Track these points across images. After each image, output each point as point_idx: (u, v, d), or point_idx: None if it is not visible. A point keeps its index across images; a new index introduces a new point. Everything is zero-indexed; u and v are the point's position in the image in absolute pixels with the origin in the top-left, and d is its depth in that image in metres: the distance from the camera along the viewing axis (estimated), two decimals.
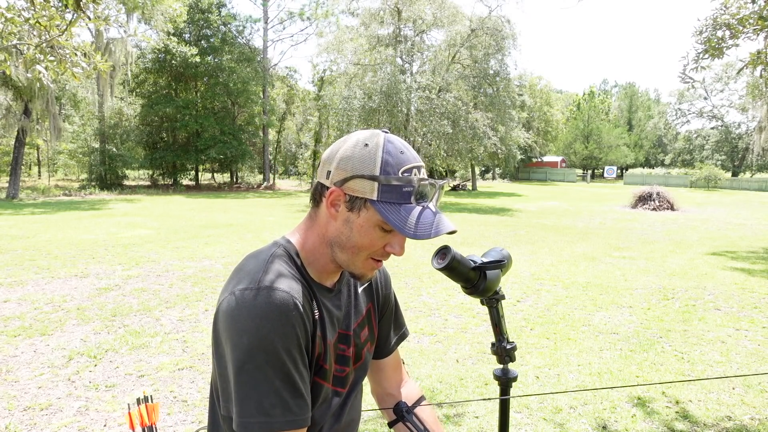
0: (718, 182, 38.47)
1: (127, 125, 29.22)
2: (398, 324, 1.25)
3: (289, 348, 0.85)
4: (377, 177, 0.87)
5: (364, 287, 1.13)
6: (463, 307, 5.53)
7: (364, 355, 1.10)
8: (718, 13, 6.08)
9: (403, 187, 0.87)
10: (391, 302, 1.21)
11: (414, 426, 1.12)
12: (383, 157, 0.88)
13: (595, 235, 11.79)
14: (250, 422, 0.83)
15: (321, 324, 0.95)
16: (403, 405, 1.17)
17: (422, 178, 0.90)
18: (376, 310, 1.15)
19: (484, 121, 21.51)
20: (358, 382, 1.10)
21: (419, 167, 0.91)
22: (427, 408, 1.21)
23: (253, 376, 0.83)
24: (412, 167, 0.89)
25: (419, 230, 0.86)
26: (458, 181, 40.13)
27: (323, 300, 0.98)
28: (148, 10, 20.45)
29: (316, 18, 33.28)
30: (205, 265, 7.56)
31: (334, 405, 1.02)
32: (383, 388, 1.23)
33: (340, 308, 1.03)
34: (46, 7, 3.86)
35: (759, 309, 5.61)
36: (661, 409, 3.27)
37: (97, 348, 4.16)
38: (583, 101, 62.63)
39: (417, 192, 0.88)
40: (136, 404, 1.54)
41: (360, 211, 0.89)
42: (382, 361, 1.22)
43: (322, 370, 0.96)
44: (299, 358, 0.87)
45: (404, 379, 1.26)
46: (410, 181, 0.88)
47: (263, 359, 0.83)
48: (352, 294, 1.08)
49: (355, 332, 1.06)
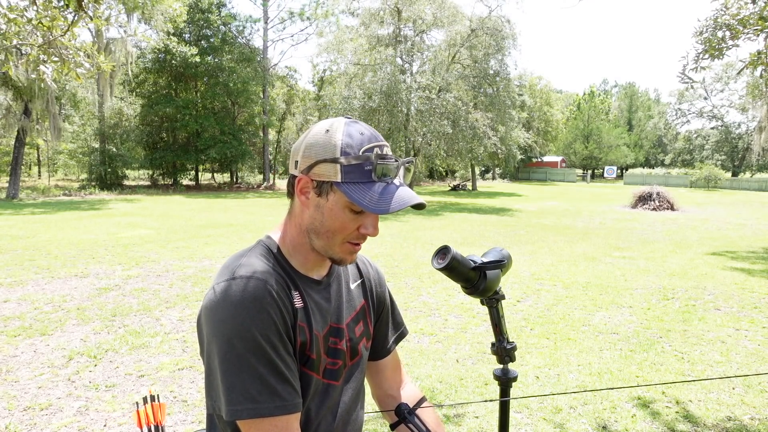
0: (718, 182, 38.46)
1: (127, 125, 29.21)
2: (396, 323, 1.25)
3: (268, 334, 0.86)
4: (338, 159, 0.89)
5: (357, 284, 1.13)
6: (463, 307, 5.53)
7: (360, 350, 1.09)
8: (719, 14, 6.09)
9: (364, 165, 0.89)
10: (386, 301, 1.21)
11: (416, 428, 1.12)
12: (343, 140, 0.90)
13: (595, 235, 11.79)
14: (237, 410, 0.84)
15: (305, 313, 0.96)
16: (404, 407, 1.16)
17: (382, 155, 0.91)
18: (370, 309, 1.15)
19: (484, 121, 21.51)
20: (356, 378, 1.09)
21: (381, 146, 0.92)
22: (429, 409, 1.21)
23: (236, 364, 0.85)
24: (372, 146, 0.91)
25: (380, 204, 0.88)
26: (458, 181, 40.14)
27: (309, 291, 0.99)
28: (148, 10, 20.44)
29: (316, 18, 33.29)
30: (205, 265, 7.56)
31: (329, 400, 1.02)
32: (383, 390, 1.22)
33: (330, 301, 1.03)
34: (48, 7, 3.86)
35: (759, 309, 5.61)
36: (661, 409, 3.27)
37: (97, 348, 4.16)
38: (583, 101, 62.64)
39: (377, 169, 0.90)
40: (143, 403, 1.54)
41: (328, 195, 0.92)
42: (381, 362, 1.21)
43: (309, 360, 0.96)
44: (280, 344, 0.88)
45: (404, 381, 1.25)
46: (369, 159, 0.89)
47: (243, 347, 0.85)
48: (344, 288, 1.09)
49: (348, 327, 1.06)
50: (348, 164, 0.89)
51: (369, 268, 1.20)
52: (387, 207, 0.87)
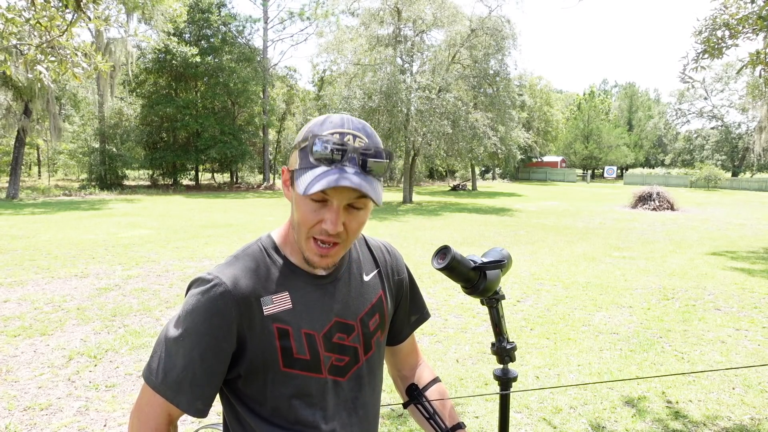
0: (718, 182, 38.44)
1: (127, 125, 29.20)
2: (416, 307, 1.22)
3: (211, 338, 0.91)
4: (298, 145, 0.91)
5: (373, 274, 1.10)
6: (463, 307, 5.53)
7: (373, 345, 1.07)
8: (718, 13, 6.09)
9: (312, 148, 0.85)
10: (404, 288, 1.17)
11: (423, 407, 1.17)
12: (311, 127, 0.90)
13: (595, 235, 11.79)
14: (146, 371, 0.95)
15: (292, 315, 0.95)
16: (414, 387, 1.21)
17: (328, 138, 0.85)
18: (387, 298, 1.11)
19: (484, 121, 21.50)
20: (370, 373, 1.07)
21: (343, 132, 0.87)
22: (437, 390, 1.21)
23: (170, 341, 0.92)
24: (333, 132, 0.87)
25: (311, 187, 0.83)
26: (458, 181, 40.14)
27: (307, 289, 0.97)
28: (148, 10, 20.42)
29: (316, 18, 33.29)
30: (205, 265, 7.56)
31: (339, 396, 1.01)
32: (397, 370, 1.26)
33: (335, 296, 1.01)
34: (47, 7, 3.86)
35: (759, 309, 5.61)
36: (661, 409, 3.27)
37: (97, 348, 4.16)
38: (583, 101, 62.61)
39: (313, 151, 0.84)
40: None
41: (295, 183, 0.90)
42: (398, 346, 1.21)
43: (297, 362, 0.95)
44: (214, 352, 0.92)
45: (419, 362, 1.27)
46: (313, 142, 0.85)
47: (184, 333, 0.91)
48: (357, 281, 1.06)
49: (362, 321, 1.04)
50: (301, 149, 0.89)
51: (386, 255, 1.15)
52: (308, 188, 0.83)
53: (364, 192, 0.85)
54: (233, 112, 31.70)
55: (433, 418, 1.15)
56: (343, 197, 0.88)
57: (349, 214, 0.90)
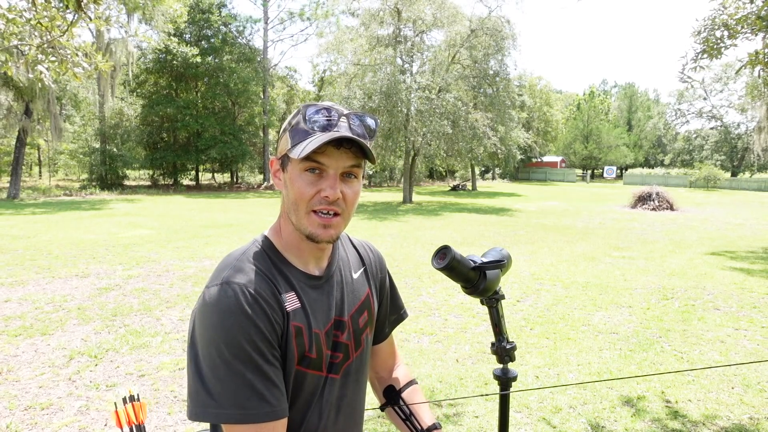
0: (718, 182, 38.45)
1: (127, 125, 29.23)
2: (395, 307, 1.24)
3: (255, 341, 0.86)
4: (287, 128, 0.96)
5: (360, 272, 1.12)
6: (463, 307, 5.54)
7: (363, 341, 1.09)
8: (717, 13, 6.10)
9: (300, 123, 0.93)
10: (386, 286, 1.21)
11: (400, 409, 1.19)
12: (293, 114, 0.95)
13: (595, 235, 11.80)
14: (224, 414, 0.84)
15: (303, 314, 0.95)
16: (391, 389, 1.23)
17: (316, 109, 0.91)
18: (374, 295, 1.14)
19: (484, 121, 21.50)
20: (358, 370, 1.09)
21: (329, 108, 0.93)
22: (413, 392, 1.23)
23: (223, 369, 0.85)
24: (319, 108, 0.93)
25: (307, 147, 0.89)
26: (458, 181, 40.14)
27: (307, 289, 0.98)
28: (149, 10, 20.44)
29: (316, 18, 33.32)
30: (205, 265, 7.57)
31: (332, 394, 1.02)
32: (376, 372, 1.26)
33: (331, 295, 1.02)
34: (47, 7, 3.87)
35: (758, 309, 5.62)
36: (660, 408, 3.28)
37: (98, 348, 4.17)
38: (583, 101, 62.61)
39: (307, 119, 0.91)
40: (122, 403, 1.53)
41: (287, 166, 0.95)
42: (377, 346, 1.22)
43: (310, 361, 0.96)
44: (267, 350, 0.88)
45: (397, 363, 1.28)
46: (305, 113, 0.92)
47: (230, 353, 0.85)
48: (347, 279, 1.08)
49: (352, 318, 1.06)
50: (293, 128, 0.93)
51: (370, 253, 1.19)
52: (311, 147, 0.88)
53: (363, 144, 0.90)
54: (233, 113, 31.71)
55: (409, 420, 1.17)
56: (339, 164, 0.92)
57: (345, 183, 0.94)
